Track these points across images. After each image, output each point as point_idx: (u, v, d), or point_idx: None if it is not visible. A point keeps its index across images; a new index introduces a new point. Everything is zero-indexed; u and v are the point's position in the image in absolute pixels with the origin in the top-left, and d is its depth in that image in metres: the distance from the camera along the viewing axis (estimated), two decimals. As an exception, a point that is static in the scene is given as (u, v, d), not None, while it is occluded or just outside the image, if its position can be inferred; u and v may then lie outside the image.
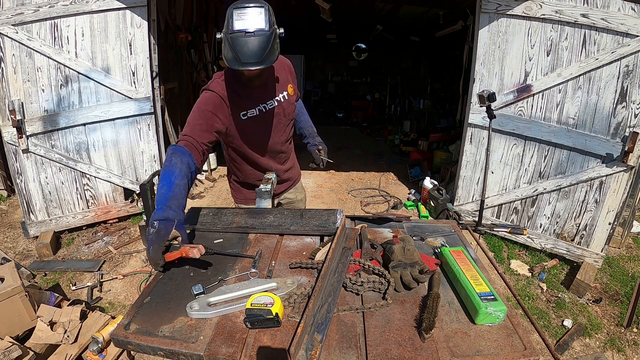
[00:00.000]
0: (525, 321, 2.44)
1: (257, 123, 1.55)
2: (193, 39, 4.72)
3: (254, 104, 1.52)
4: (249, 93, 1.50)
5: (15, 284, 2.10)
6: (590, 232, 2.98)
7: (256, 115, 1.53)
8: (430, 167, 5.22)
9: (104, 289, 2.80)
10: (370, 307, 1.02)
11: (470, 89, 3.20)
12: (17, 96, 2.97)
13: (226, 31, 1.29)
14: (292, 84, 1.64)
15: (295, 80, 1.69)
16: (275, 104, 1.57)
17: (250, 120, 1.52)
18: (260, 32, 1.25)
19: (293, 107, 1.70)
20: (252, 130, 1.56)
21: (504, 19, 2.89)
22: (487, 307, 0.95)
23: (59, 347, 2.12)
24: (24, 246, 3.30)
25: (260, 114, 1.54)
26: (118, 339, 0.95)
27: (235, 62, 1.28)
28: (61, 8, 2.88)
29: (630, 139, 2.62)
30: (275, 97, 1.57)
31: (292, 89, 1.64)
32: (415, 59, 9.73)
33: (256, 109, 1.53)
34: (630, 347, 2.38)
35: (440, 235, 1.45)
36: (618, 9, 2.55)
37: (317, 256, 1.24)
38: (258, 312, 0.94)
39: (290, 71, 1.66)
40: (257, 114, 1.53)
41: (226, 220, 1.48)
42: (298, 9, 5.85)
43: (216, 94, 1.46)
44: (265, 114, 1.56)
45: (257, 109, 1.53)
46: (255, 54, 1.26)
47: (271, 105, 1.56)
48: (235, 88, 1.48)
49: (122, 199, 3.51)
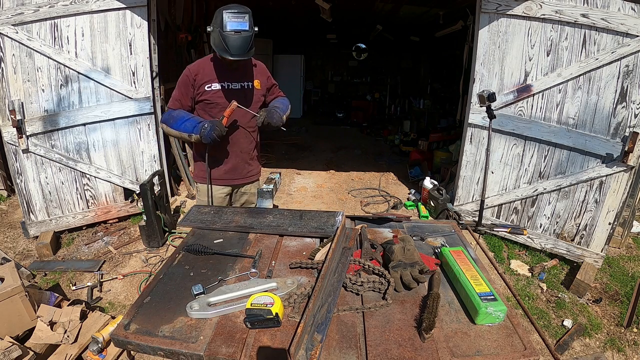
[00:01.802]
0: (525, 321, 2.44)
1: (219, 95, 1.95)
2: (193, 39, 4.71)
3: (219, 81, 1.94)
4: (218, 72, 1.93)
5: (15, 284, 2.10)
6: (590, 232, 2.98)
7: (219, 89, 1.94)
8: (430, 167, 5.21)
9: (104, 289, 2.80)
10: (370, 307, 1.02)
11: (470, 89, 3.20)
12: (17, 96, 2.97)
13: (220, 29, 1.72)
14: (259, 81, 2.05)
15: (265, 79, 2.10)
16: (238, 86, 1.98)
17: (213, 92, 1.94)
18: (246, 32, 1.74)
19: (256, 97, 2.06)
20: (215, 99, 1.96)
21: (504, 19, 2.89)
22: (487, 307, 0.95)
23: (59, 347, 2.12)
24: (24, 246, 3.30)
25: (222, 89, 1.94)
26: (118, 339, 0.95)
27: (226, 53, 1.75)
28: (61, 8, 2.88)
29: (630, 139, 2.62)
30: (240, 82, 1.98)
31: (259, 84, 2.05)
32: (415, 59, 9.74)
33: (219, 84, 1.94)
34: (630, 347, 2.38)
35: (440, 235, 1.45)
36: (618, 9, 2.55)
37: (317, 256, 1.24)
38: (258, 312, 0.94)
39: (260, 72, 2.09)
40: (220, 89, 1.94)
41: (226, 219, 1.48)
42: (298, 9, 5.85)
43: (188, 71, 1.94)
44: (228, 91, 1.96)
45: (220, 84, 1.94)
46: (242, 48, 1.75)
47: (235, 86, 1.97)
48: (208, 67, 1.94)
49: (122, 199, 3.51)
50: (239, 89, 1.98)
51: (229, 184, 2.13)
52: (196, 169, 2.16)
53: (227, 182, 2.12)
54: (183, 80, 1.95)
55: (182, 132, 1.89)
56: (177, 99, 1.97)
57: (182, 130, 1.89)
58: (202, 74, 1.93)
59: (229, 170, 2.09)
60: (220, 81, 1.94)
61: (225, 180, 2.10)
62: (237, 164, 2.10)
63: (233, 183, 2.15)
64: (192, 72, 1.93)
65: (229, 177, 2.11)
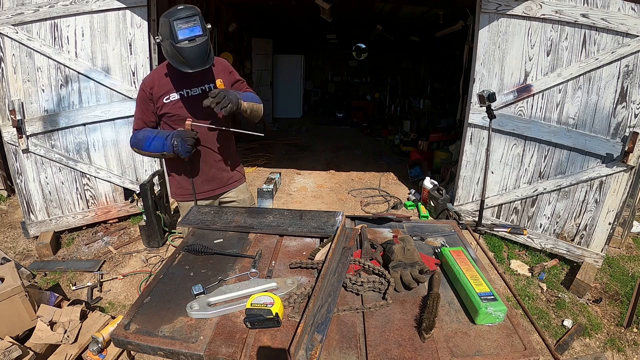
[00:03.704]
0: (525, 321, 2.44)
1: (179, 106, 1.77)
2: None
3: (177, 90, 1.76)
4: (174, 81, 1.75)
5: (15, 284, 2.10)
6: (590, 232, 2.98)
7: (178, 99, 1.76)
8: (430, 167, 5.21)
9: (104, 289, 2.80)
10: (370, 307, 1.02)
11: (470, 89, 3.20)
12: (17, 96, 2.97)
13: (171, 40, 1.52)
14: (222, 80, 1.84)
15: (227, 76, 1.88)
16: (199, 91, 1.78)
17: (172, 103, 1.77)
18: (201, 38, 1.53)
19: None
20: (176, 110, 1.78)
21: (504, 19, 2.89)
22: (487, 307, 0.95)
23: (59, 347, 2.12)
24: (24, 246, 3.30)
25: (182, 98, 1.77)
26: (118, 339, 0.95)
27: (185, 66, 1.57)
28: (61, 8, 2.88)
29: (630, 139, 2.62)
30: (200, 86, 1.78)
31: (222, 83, 1.84)
32: (415, 59, 9.74)
33: (177, 94, 1.76)
34: (630, 347, 2.38)
35: (440, 235, 1.45)
36: (618, 9, 2.55)
37: (317, 256, 1.24)
38: (258, 312, 0.94)
39: (221, 69, 1.86)
40: (179, 98, 1.76)
41: (226, 219, 1.48)
42: (298, 9, 5.85)
43: (143, 85, 1.78)
44: (188, 99, 1.77)
45: (178, 93, 1.76)
46: (201, 57, 1.57)
47: (195, 92, 1.77)
48: (164, 78, 1.76)
49: (122, 199, 3.51)
50: (200, 94, 1.77)
51: (210, 195, 1.98)
52: (172, 186, 2.01)
53: (208, 194, 1.97)
54: (140, 97, 1.79)
55: (154, 153, 1.74)
56: (139, 117, 1.82)
57: (153, 151, 1.74)
58: (157, 86, 1.76)
59: (207, 182, 1.94)
60: (177, 90, 1.76)
61: (206, 192, 1.96)
62: (215, 174, 1.94)
63: (215, 194, 1.99)
64: (147, 85, 1.76)
65: (208, 189, 1.96)
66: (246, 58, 7.18)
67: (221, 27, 5.79)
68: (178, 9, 1.54)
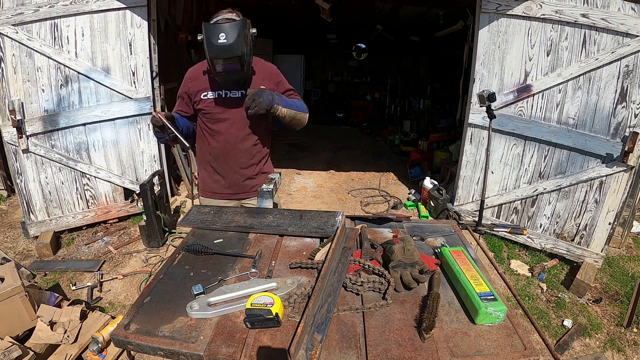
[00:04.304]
0: (525, 321, 2.44)
1: (215, 105, 1.74)
2: (193, 39, 4.71)
3: (216, 88, 1.72)
4: (214, 79, 1.70)
5: (15, 284, 2.10)
6: (590, 232, 2.98)
7: (216, 98, 1.72)
8: (430, 167, 5.21)
9: (104, 289, 2.80)
10: (370, 307, 1.02)
11: (470, 89, 3.20)
12: (17, 96, 2.97)
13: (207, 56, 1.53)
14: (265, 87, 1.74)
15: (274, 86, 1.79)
16: (238, 94, 1.72)
17: (209, 101, 1.73)
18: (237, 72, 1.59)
19: None
20: (211, 109, 1.75)
21: (504, 19, 2.89)
22: (487, 307, 0.95)
23: (59, 347, 2.12)
24: (24, 246, 3.30)
25: (219, 97, 1.72)
26: (118, 339, 0.95)
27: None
28: (61, 8, 2.88)
29: (630, 139, 2.62)
30: (241, 89, 1.72)
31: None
32: (415, 59, 9.74)
33: (216, 92, 1.72)
34: (630, 347, 2.38)
35: (440, 235, 1.45)
36: (618, 9, 2.55)
37: (317, 256, 1.24)
38: (258, 312, 0.94)
39: (267, 77, 1.79)
40: (217, 97, 1.72)
41: (226, 219, 1.48)
42: (298, 9, 5.85)
43: (186, 77, 1.78)
44: (226, 100, 1.73)
45: (217, 92, 1.72)
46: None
47: (234, 94, 1.73)
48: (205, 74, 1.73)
49: (122, 199, 3.51)
50: (239, 97, 1.72)
51: (233, 198, 1.92)
52: (199, 182, 1.99)
53: (230, 196, 1.91)
54: (182, 86, 1.79)
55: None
56: (177, 104, 1.83)
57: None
58: (198, 80, 1.74)
59: (229, 186, 1.89)
60: (216, 89, 1.72)
61: (227, 194, 1.91)
62: (237, 180, 1.87)
63: (237, 197, 1.93)
64: (188, 78, 1.76)
65: (231, 192, 1.90)
66: (246, 58, 7.17)
67: (221, 27, 5.78)
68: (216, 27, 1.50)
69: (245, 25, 1.54)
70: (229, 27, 1.50)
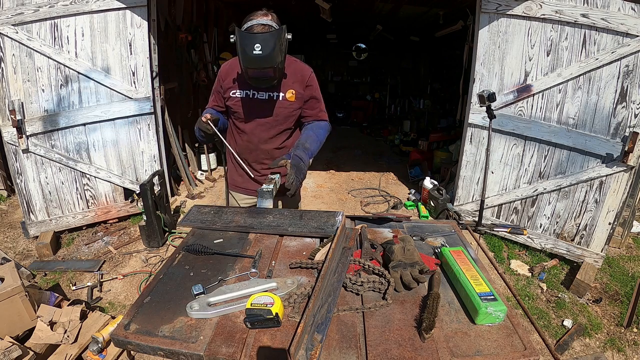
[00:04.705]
0: (525, 321, 2.44)
1: (241, 104, 1.73)
2: (193, 39, 4.71)
3: (244, 87, 1.70)
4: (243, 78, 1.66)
5: (15, 284, 2.10)
6: (590, 232, 2.98)
7: (244, 97, 1.71)
8: (430, 167, 5.22)
9: (104, 289, 2.80)
10: (370, 307, 1.02)
11: (470, 89, 3.20)
12: (17, 96, 2.97)
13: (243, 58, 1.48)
14: (294, 91, 1.71)
15: (302, 89, 1.73)
16: (266, 97, 1.70)
17: (236, 100, 1.73)
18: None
19: (287, 111, 1.75)
20: (238, 107, 1.74)
21: (504, 19, 2.89)
22: (487, 307, 0.95)
23: (59, 347, 2.12)
24: (24, 246, 3.30)
25: (246, 97, 1.71)
26: (118, 339, 0.95)
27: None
28: (61, 8, 2.88)
29: (630, 139, 2.62)
30: (268, 92, 1.70)
31: (293, 95, 1.72)
32: (415, 59, 9.72)
33: (243, 92, 1.70)
34: (630, 347, 2.38)
35: (440, 235, 1.45)
36: (618, 9, 2.55)
37: (317, 256, 1.24)
38: (258, 312, 0.94)
39: (299, 80, 1.72)
40: (244, 96, 1.71)
41: (226, 219, 1.48)
42: (298, 9, 5.84)
43: (220, 70, 1.76)
44: (252, 100, 1.71)
45: (244, 92, 1.70)
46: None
47: (262, 96, 1.70)
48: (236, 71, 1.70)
49: (122, 199, 3.51)
50: (266, 100, 1.69)
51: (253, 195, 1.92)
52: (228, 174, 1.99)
53: (251, 193, 1.92)
54: (216, 81, 1.78)
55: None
56: (213, 99, 1.82)
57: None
58: (230, 77, 1.71)
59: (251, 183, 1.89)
60: (244, 88, 1.69)
61: (250, 190, 1.92)
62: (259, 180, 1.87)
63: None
64: (223, 72, 1.74)
65: (252, 189, 1.90)
66: (246, 58, 7.17)
67: (221, 27, 5.79)
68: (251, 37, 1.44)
69: (281, 34, 1.50)
70: (265, 37, 1.45)
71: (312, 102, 1.79)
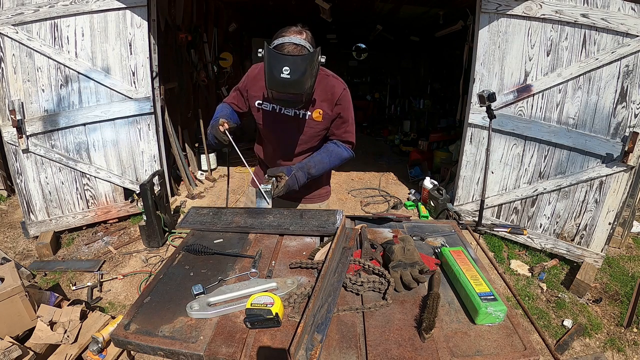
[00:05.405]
0: (525, 321, 2.44)
1: (268, 117, 1.64)
2: (193, 39, 4.71)
3: (269, 101, 1.59)
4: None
5: (15, 284, 2.10)
6: (590, 232, 2.98)
7: (269, 110, 1.62)
8: (430, 167, 5.22)
9: (104, 289, 2.80)
10: (370, 307, 1.02)
11: (470, 89, 3.20)
12: (17, 96, 2.97)
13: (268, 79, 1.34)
14: (321, 111, 1.59)
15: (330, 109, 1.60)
16: (292, 113, 1.60)
17: (262, 111, 1.64)
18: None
19: (314, 131, 1.64)
20: (262, 119, 1.67)
21: (504, 19, 2.89)
22: (487, 307, 0.95)
23: (59, 347, 2.12)
24: (24, 246, 3.30)
25: (272, 111, 1.62)
26: (118, 339, 0.95)
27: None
28: (61, 8, 2.88)
29: (630, 139, 2.62)
30: (295, 109, 1.59)
31: (321, 115, 1.59)
32: (415, 59, 9.73)
33: (270, 105, 1.61)
34: (630, 347, 2.38)
35: (440, 235, 1.45)
36: (618, 9, 2.55)
37: (317, 256, 1.24)
38: (258, 312, 0.94)
39: (329, 99, 1.58)
40: (270, 110, 1.62)
41: (226, 220, 1.48)
42: (298, 9, 5.84)
43: (247, 75, 1.67)
44: (279, 115, 1.62)
45: (270, 105, 1.61)
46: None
47: (288, 112, 1.60)
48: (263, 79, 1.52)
49: (122, 199, 3.51)
50: (292, 117, 1.59)
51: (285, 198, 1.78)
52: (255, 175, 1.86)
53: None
54: (242, 81, 1.66)
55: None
56: (233, 96, 1.72)
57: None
58: (256, 85, 1.60)
59: None
60: (269, 101, 1.59)
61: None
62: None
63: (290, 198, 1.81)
64: (249, 77, 1.64)
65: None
66: (246, 58, 7.18)
67: (221, 27, 5.79)
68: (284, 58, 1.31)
69: (314, 58, 1.36)
70: (296, 61, 1.30)
71: (338, 122, 1.64)
